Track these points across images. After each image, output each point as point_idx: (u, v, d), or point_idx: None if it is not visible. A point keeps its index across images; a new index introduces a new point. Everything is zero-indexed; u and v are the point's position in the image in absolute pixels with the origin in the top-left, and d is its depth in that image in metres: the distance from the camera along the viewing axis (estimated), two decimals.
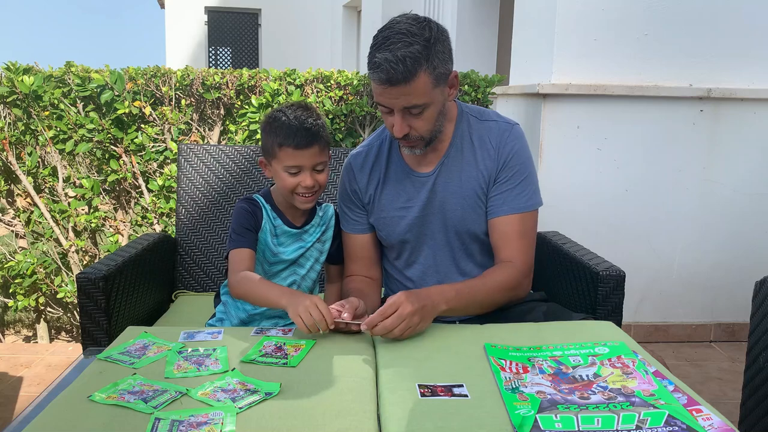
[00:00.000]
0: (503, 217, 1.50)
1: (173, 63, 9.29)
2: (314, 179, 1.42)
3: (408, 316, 1.23)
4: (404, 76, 1.30)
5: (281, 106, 1.46)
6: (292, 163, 1.40)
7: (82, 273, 1.58)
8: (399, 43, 1.30)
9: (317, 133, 1.41)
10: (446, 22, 4.92)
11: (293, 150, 1.39)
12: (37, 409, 1.00)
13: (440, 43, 1.36)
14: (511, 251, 1.50)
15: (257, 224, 1.45)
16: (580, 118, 2.92)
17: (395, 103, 1.36)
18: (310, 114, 1.42)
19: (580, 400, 1.01)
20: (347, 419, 0.97)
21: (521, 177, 1.50)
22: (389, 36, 1.32)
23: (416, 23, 1.34)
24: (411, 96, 1.34)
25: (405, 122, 1.38)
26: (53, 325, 3.14)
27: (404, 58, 1.29)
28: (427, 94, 1.35)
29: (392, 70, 1.30)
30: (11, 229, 3.02)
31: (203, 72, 2.79)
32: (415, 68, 1.31)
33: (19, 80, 2.69)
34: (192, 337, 1.27)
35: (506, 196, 1.49)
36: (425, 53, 1.31)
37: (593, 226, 2.95)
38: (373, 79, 1.35)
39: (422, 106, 1.37)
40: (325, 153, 1.44)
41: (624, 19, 2.88)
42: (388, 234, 1.58)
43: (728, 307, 3.12)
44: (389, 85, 1.32)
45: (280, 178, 1.44)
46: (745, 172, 3.03)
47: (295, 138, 1.38)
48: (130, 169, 2.86)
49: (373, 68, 1.33)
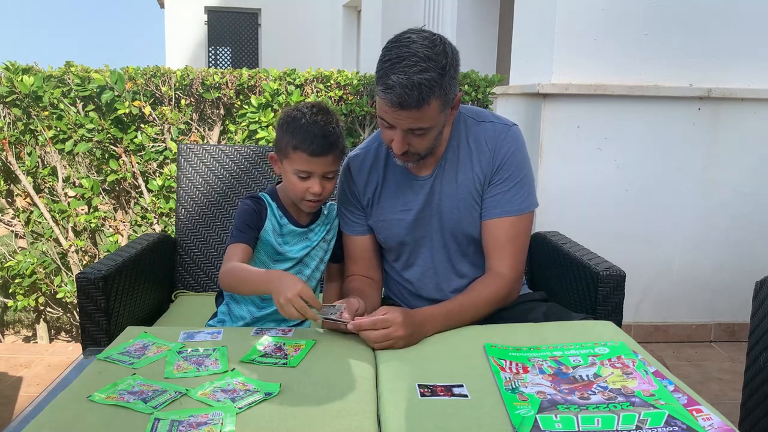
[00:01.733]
0: (495, 219, 1.49)
1: (173, 63, 9.29)
2: (322, 186, 1.40)
3: (396, 339, 1.25)
4: (417, 103, 1.28)
5: (301, 105, 1.43)
6: (303, 168, 1.39)
7: (81, 273, 1.58)
8: (415, 67, 1.26)
9: (334, 142, 1.39)
10: (446, 22, 4.92)
11: (308, 156, 1.37)
12: (37, 409, 1.00)
13: (453, 68, 1.33)
14: (500, 259, 1.50)
15: (260, 222, 1.44)
16: (580, 118, 2.92)
17: (401, 123, 1.34)
18: (329, 120, 1.39)
19: (580, 400, 1.01)
20: (347, 419, 0.97)
21: (516, 179, 1.49)
22: (404, 56, 1.28)
23: (432, 46, 1.30)
24: (419, 120, 1.32)
25: (405, 141, 1.37)
26: (53, 325, 3.14)
27: (420, 84, 1.26)
28: (434, 118, 1.34)
29: (405, 95, 1.27)
30: (11, 229, 3.02)
31: (203, 72, 2.79)
32: (428, 96, 1.28)
33: (18, 80, 2.68)
34: (192, 337, 1.27)
35: (499, 199, 1.49)
36: (440, 81, 1.29)
37: (593, 226, 2.95)
38: (383, 99, 1.31)
39: (426, 129, 1.36)
40: (338, 162, 1.42)
41: (624, 19, 2.88)
42: (386, 236, 1.58)
43: (728, 307, 3.12)
44: (400, 108, 1.30)
45: (288, 179, 1.43)
46: (745, 172, 3.03)
47: (312, 144, 1.36)
48: (130, 169, 2.86)
49: (385, 89, 1.29)
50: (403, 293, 1.64)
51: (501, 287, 1.48)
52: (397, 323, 1.24)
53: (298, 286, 1.16)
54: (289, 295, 1.15)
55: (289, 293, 1.16)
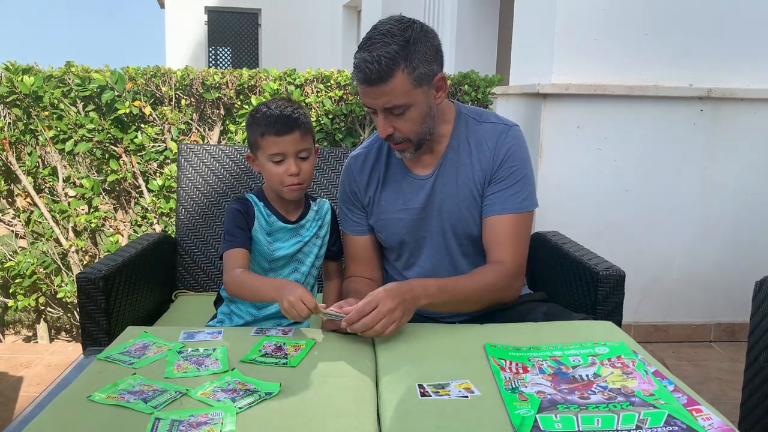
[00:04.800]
0: (496, 216, 1.49)
1: (173, 63, 9.29)
2: (298, 167, 1.42)
3: (388, 312, 1.22)
4: (379, 76, 1.32)
5: (264, 101, 1.49)
6: (275, 151, 1.41)
7: (82, 273, 1.58)
8: (378, 44, 1.32)
9: (297, 119, 1.42)
10: (446, 22, 4.92)
11: (274, 137, 1.40)
12: (37, 409, 1.00)
13: (421, 43, 1.35)
14: (502, 252, 1.49)
15: (249, 223, 1.46)
16: (580, 118, 2.92)
17: (376, 103, 1.37)
18: (290, 104, 1.44)
19: (580, 400, 1.01)
20: (347, 419, 0.97)
21: (517, 177, 1.49)
22: (371, 37, 1.35)
23: (399, 24, 1.35)
24: (390, 96, 1.35)
25: (388, 123, 1.39)
26: (53, 325, 3.14)
27: (380, 57, 1.31)
28: (407, 94, 1.36)
29: (368, 69, 1.31)
30: (11, 229, 3.02)
31: (203, 72, 2.79)
32: (390, 68, 1.32)
33: (19, 80, 2.68)
34: (192, 337, 1.27)
35: (501, 196, 1.49)
36: (403, 53, 1.32)
37: (593, 226, 2.95)
38: (355, 79, 1.37)
39: (403, 107, 1.37)
40: (307, 140, 1.44)
41: (624, 19, 2.88)
42: (387, 236, 1.58)
43: (728, 307, 3.12)
44: (367, 84, 1.34)
45: (266, 169, 1.45)
46: (745, 172, 3.02)
47: (276, 125, 1.40)
48: (130, 169, 2.86)
49: (353, 69, 1.36)
50: None
51: (501, 275, 1.47)
52: (380, 297, 1.22)
53: (298, 291, 1.24)
54: (291, 298, 1.22)
55: (291, 297, 1.23)
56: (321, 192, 2.13)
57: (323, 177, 2.14)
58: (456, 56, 4.78)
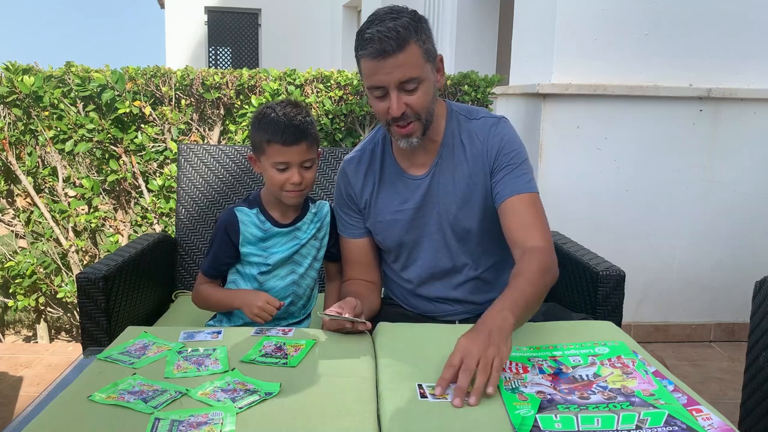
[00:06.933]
0: (510, 199, 1.44)
1: (173, 63, 9.29)
2: (301, 176, 1.43)
3: (475, 356, 1.05)
4: (397, 44, 1.32)
5: (270, 103, 1.48)
6: (280, 160, 1.42)
7: (82, 273, 1.58)
8: (387, 18, 1.34)
9: (305, 130, 1.42)
10: (446, 22, 4.92)
11: (281, 146, 1.41)
12: (37, 409, 1.00)
13: (424, 22, 1.40)
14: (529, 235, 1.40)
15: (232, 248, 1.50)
16: (580, 118, 2.92)
17: (390, 78, 1.34)
18: (299, 111, 1.43)
19: (580, 400, 1.01)
20: (347, 419, 0.97)
21: (518, 161, 1.47)
22: (377, 15, 1.37)
23: (398, 6, 1.38)
24: (405, 67, 1.34)
25: (401, 100, 1.37)
26: (53, 325, 3.14)
27: (396, 27, 1.32)
28: (420, 67, 1.36)
29: (385, 39, 1.31)
30: (11, 229, 3.02)
31: (203, 72, 2.79)
32: (406, 37, 1.33)
33: (19, 80, 2.68)
34: (192, 337, 1.27)
35: (507, 180, 1.46)
36: (414, 25, 1.35)
37: (593, 226, 2.95)
38: (366, 56, 1.35)
39: (417, 80, 1.36)
40: (313, 150, 1.45)
41: (624, 19, 2.88)
42: (384, 238, 1.57)
43: (728, 307, 3.12)
44: (383, 56, 1.32)
45: (268, 174, 1.45)
46: (745, 172, 3.03)
47: (283, 135, 1.40)
48: (130, 169, 2.86)
49: (364, 44, 1.34)
50: (404, 293, 1.64)
51: (543, 257, 1.36)
52: (461, 347, 1.08)
53: (262, 296, 1.43)
54: (259, 303, 1.41)
55: (259, 302, 1.41)
56: (321, 192, 2.13)
57: (323, 177, 2.14)
58: (456, 56, 4.78)
